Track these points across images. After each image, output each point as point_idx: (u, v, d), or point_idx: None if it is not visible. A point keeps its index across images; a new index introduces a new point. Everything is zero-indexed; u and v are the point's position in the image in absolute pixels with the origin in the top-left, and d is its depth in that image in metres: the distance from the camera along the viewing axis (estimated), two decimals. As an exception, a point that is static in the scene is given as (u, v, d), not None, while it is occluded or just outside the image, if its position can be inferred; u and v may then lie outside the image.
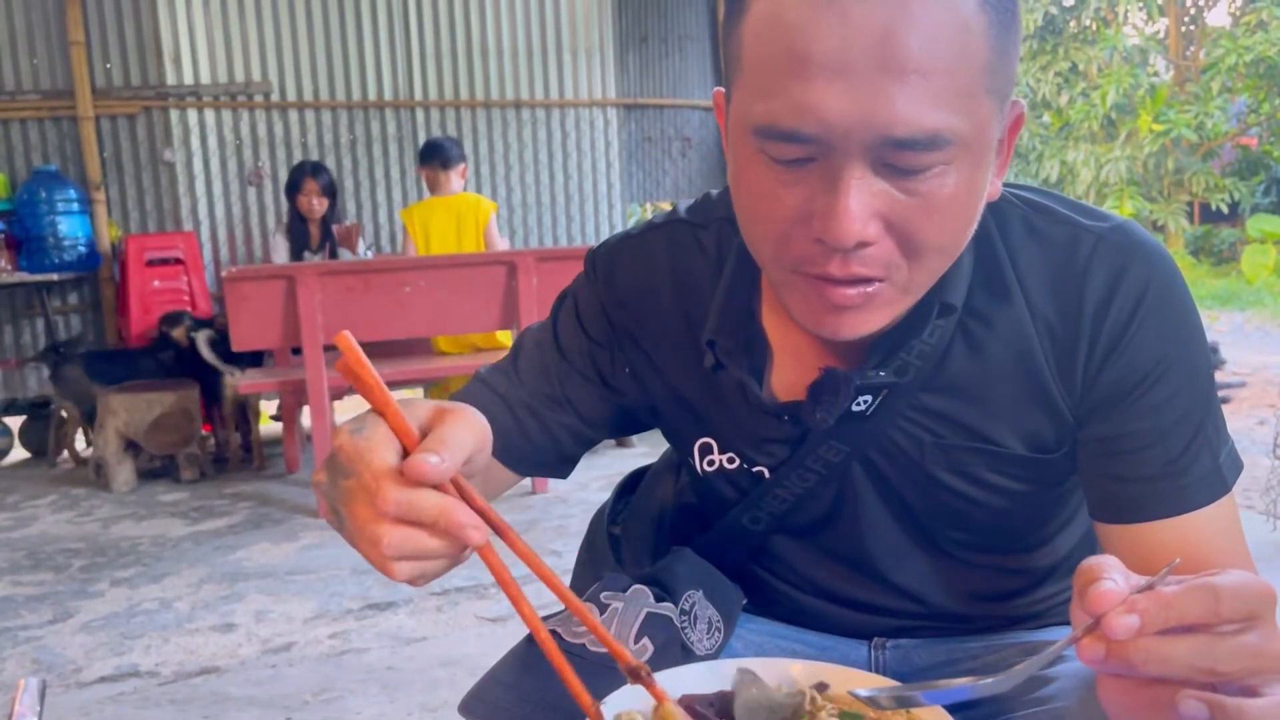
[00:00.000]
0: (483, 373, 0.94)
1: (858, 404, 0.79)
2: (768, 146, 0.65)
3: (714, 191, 0.92)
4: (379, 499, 0.54)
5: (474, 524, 0.56)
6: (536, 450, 0.91)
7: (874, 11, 0.60)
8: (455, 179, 4.37)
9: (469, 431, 0.58)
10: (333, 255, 4.61)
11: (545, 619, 0.87)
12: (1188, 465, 0.75)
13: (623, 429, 0.96)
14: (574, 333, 0.92)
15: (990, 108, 0.66)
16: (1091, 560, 0.54)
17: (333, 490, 0.58)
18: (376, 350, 4.46)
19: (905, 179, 0.64)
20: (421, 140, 5.71)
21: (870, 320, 0.70)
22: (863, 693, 0.62)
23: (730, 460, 0.89)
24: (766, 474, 0.87)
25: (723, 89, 0.75)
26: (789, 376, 0.83)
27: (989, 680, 0.57)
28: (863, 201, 0.64)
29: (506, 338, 4.44)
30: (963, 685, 0.57)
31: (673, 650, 0.82)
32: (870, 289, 0.68)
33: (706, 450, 0.90)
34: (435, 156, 4.34)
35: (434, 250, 4.26)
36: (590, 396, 0.91)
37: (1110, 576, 0.52)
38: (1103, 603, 0.51)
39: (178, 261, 4.99)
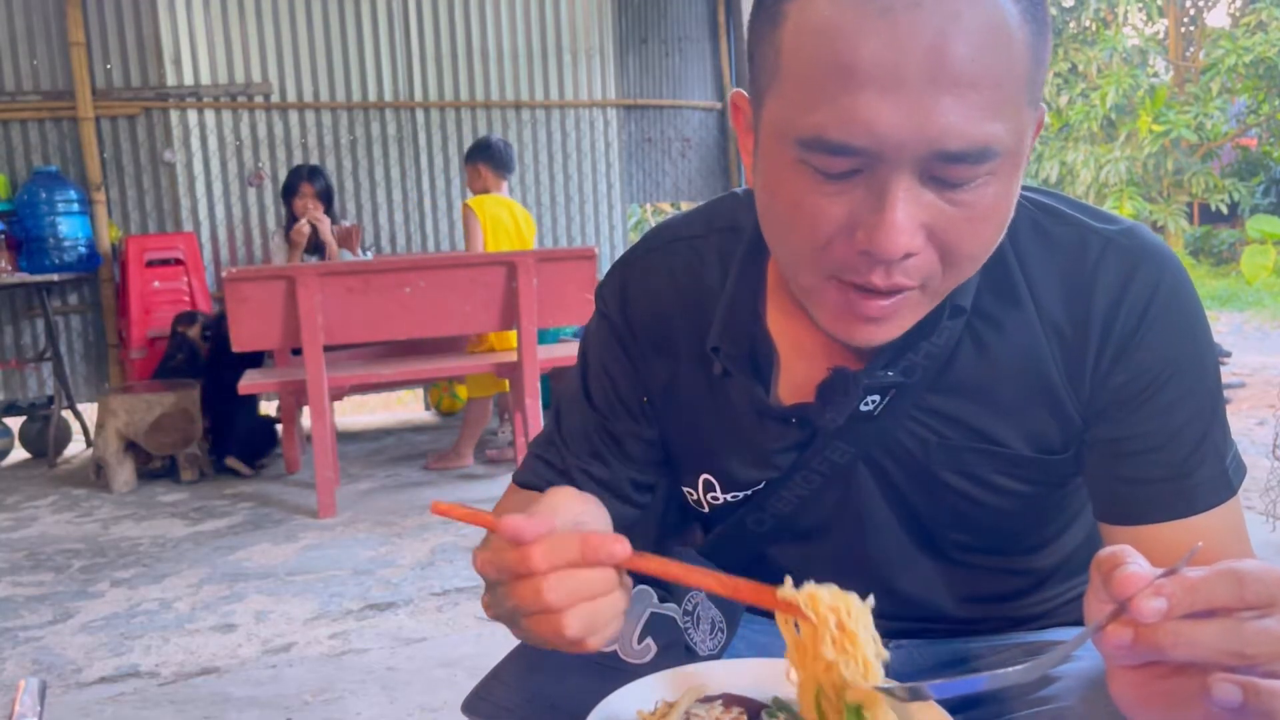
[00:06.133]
0: (535, 449, 0.94)
1: (865, 404, 0.79)
2: (813, 158, 0.64)
3: (712, 201, 0.92)
4: (530, 560, 0.59)
5: (613, 538, 0.61)
6: (611, 515, 0.89)
7: (925, 21, 0.59)
8: (506, 186, 4.52)
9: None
10: (322, 255, 4.60)
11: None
12: (1194, 468, 0.75)
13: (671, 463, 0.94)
14: (599, 378, 0.91)
15: (1029, 117, 0.66)
16: (1110, 549, 0.54)
17: (498, 599, 0.63)
18: (400, 348, 4.45)
19: (951, 190, 0.64)
20: (422, 141, 5.72)
21: (898, 327, 0.71)
22: (877, 686, 0.62)
23: (733, 496, 0.88)
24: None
25: (743, 91, 0.74)
26: (796, 379, 0.83)
27: (1010, 669, 0.56)
28: (911, 214, 0.63)
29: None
30: (981, 676, 0.57)
31: (676, 651, 0.82)
32: (900, 297, 0.68)
33: (709, 487, 0.89)
34: (502, 164, 4.43)
35: (501, 245, 4.33)
36: (631, 440, 0.90)
37: (1134, 561, 0.53)
38: (1129, 585, 0.51)
39: (178, 262, 4.99)
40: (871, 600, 0.61)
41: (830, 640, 0.59)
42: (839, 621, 0.59)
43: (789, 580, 0.62)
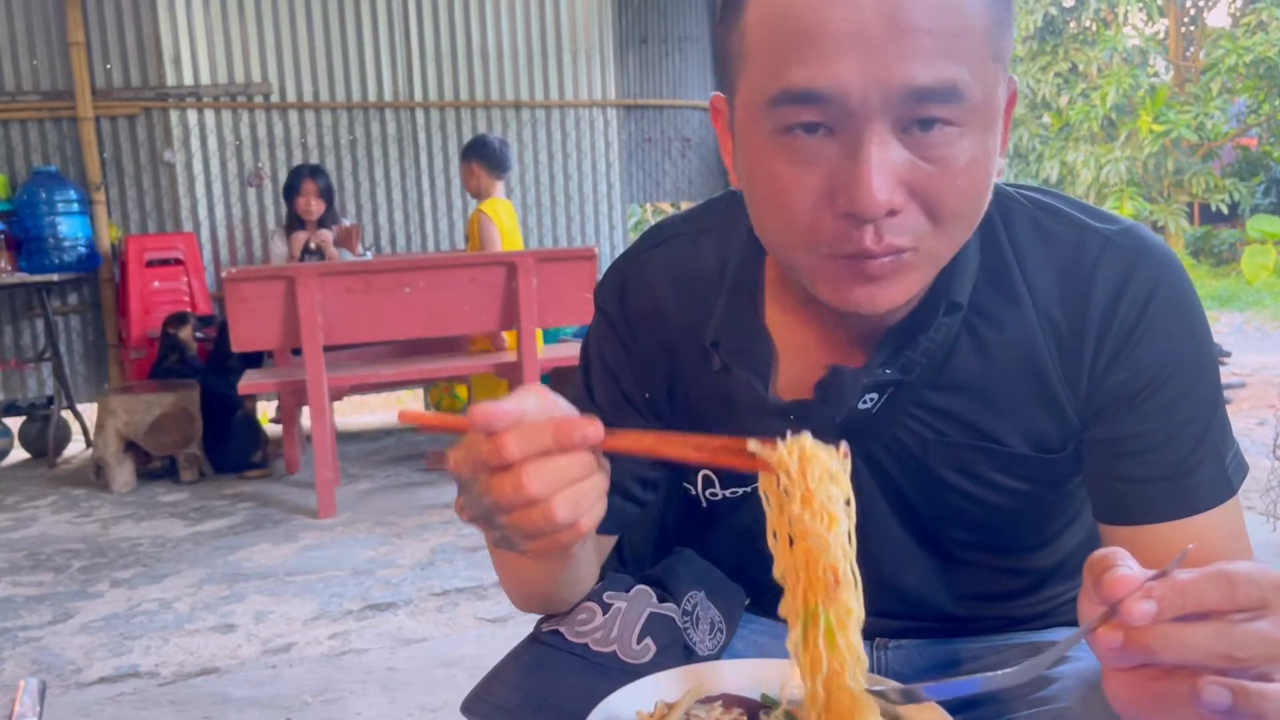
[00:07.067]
0: None
1: (864, 401, 0.79)
2: (785, 114, 0.66)
3: (710, 199, 0.92)
4: (505, 449, 0.57)
5: (585, 420, 0.59)
6: (614, 511, 0.89)
7: None
8: (502, 185, 4.53)
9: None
10: (320, 257, 4.60)
11: (546, 618, 0.87)
12: (1194, 468, 0.75)
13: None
14: (601, 376, 0.91)
15: (995, 73, 0.67)
16: (1102, 551, 0.54)
17: (474, 497, 0.60)
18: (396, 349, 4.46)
19: (923, 141, 0.65)
20: (422, 141, 5.72)
21: (900, 291, 0.70)
22: (872, 688, 0.62)
23: (732, 493, 0.88)
24: None
25: (721, 94, 0.75)
26: (795, 376, 0.83)
27: (1004, 671, 0.56)
28: (886, 166, 0.64)
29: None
30: (975, 678, 0.57)
31: (675, 651, 0.82)
32: (902, 257, 0.68)
33: (709, 482, 0.89)
34: (497, 164, 4.41)
35: (515, 246, 4.35)
36: None
37: (1124, 564, 0.52)
38: (1119, 588, 0.51)
39: (178, 262, 4.99)
40: (845, 446, 0.62)
41: (799, 498, 0.62)
42: (805, 485, 0.62)
43: (752, 443, 0.63)
